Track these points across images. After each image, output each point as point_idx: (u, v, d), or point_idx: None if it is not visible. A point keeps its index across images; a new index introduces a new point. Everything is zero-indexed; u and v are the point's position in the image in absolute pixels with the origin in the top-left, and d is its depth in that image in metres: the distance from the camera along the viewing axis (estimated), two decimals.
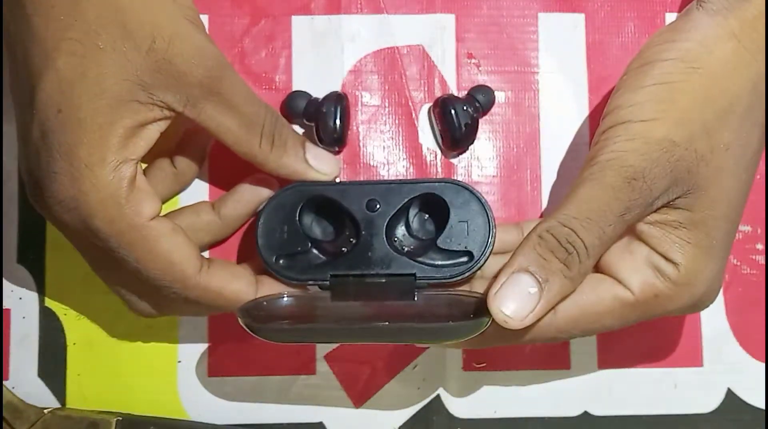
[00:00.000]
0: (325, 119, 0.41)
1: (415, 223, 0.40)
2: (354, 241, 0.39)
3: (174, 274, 0.36)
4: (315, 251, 0.39)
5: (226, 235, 0.41)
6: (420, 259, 0.38)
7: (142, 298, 0.38)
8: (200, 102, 0.35)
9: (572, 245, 0.33)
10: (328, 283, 0.38)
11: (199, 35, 0.35)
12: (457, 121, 0.41)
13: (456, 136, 0.42)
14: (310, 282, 0.39)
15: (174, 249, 0.36)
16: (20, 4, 0.34)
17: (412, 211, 0.40)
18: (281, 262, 0.39)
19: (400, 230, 0.40)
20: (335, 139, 0.42)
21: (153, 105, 0.34)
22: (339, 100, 0.42)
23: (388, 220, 0.39)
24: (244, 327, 0.35)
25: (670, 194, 0.34)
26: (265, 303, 0.37)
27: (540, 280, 0.33)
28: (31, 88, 0.34)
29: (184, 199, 0.43)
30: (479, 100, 0.43)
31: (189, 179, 0.42)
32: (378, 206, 0.39)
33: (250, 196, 0.40)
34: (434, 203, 0.39)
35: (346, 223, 0.40)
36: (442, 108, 0.42)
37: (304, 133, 0.43)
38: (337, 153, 0.43)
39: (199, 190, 0.43)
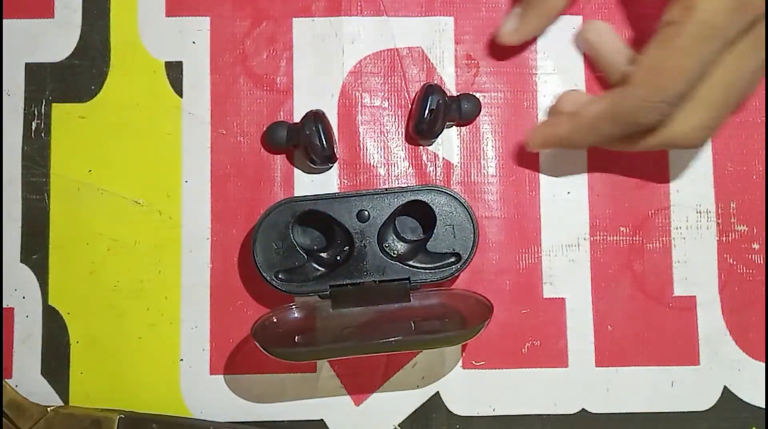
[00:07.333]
0: (310, 141, 0.41)
1: (404, 229, 0.42)
2: (348, 250, 0.40)
3: None
4: (312, 264, 0.40)
5: None
6: (411, 262, 0.40)
7: None
8: None
9: None
10: (328, 293, 0.40)
11: None
12: (429, 107, 0.42)
13: (421, 118, 0.42)
14: (311, 293, 0.40)
15: None
16: None
17: (401, 218, 0.42)
18: (280, 276, 0.40)
19: (391, 236, 0.41)
20: (326, 157, 0.42)
21: None
22: (317, 119, 0.42)
23: (379, 228, 0.40)
24: (260, 348, 0.37)
25: None
26: (275, 319, 0.39)
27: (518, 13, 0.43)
28: None
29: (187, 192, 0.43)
30: (462, 105, 0.43)
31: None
32: (368, 216, 0.40)
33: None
34: (421, 209, 0.40)
35: (339, 234, 0.41)
36: (423, 92, 0.42)
37: (293, 157, 0.44)
38: (329, 167, 0.44)
39: (201, 195, 0.44)
